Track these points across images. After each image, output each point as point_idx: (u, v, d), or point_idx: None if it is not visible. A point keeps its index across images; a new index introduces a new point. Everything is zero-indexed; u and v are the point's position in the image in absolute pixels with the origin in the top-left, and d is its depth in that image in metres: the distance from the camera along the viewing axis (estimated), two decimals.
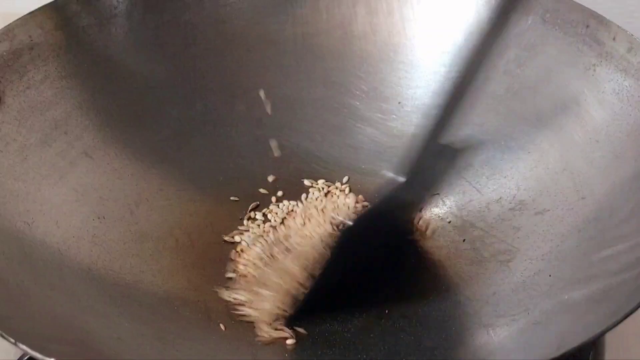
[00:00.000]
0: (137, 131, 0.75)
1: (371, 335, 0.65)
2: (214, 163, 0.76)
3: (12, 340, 0.52)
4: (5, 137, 0.68)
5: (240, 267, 0.69)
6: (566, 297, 0.61)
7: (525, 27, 0.74)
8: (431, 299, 0.67)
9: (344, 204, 0.74)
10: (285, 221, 0.74)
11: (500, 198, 0.72)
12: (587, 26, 0.72)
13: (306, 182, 0.76)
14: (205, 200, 0.74)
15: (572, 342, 0.54)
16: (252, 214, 0.74)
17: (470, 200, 0.73)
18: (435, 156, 0.67)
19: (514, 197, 0.71)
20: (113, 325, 0.62)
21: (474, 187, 0.73)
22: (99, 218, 0.69)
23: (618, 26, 0.70)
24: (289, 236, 0.71)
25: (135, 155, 0.74)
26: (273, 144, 0.77)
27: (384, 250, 0.70)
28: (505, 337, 0.61)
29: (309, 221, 0.72)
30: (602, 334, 0.53)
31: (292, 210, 0.75)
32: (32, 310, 0.59)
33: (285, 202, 0.75)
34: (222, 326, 0.65)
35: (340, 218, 0.70)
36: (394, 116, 0.78)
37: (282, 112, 0.79)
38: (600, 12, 0.71)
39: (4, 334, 0.52)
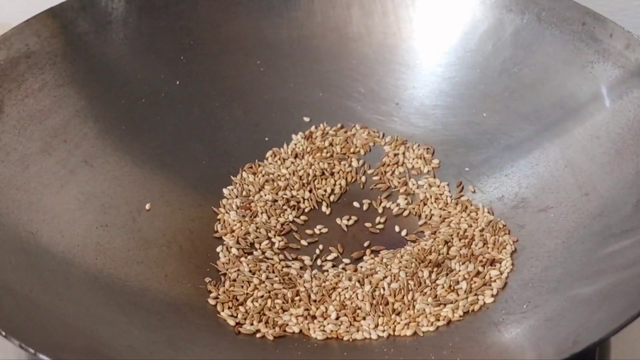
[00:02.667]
0: (136, 138, 0.74)
1: (380, 337, 0.65)
2: (213, 168, 0.76)
3: (32, 351, 0.51)
4: (6, 147, 0.68)
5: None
6: (576, 293, 0.61)
7: (521, 26, 0.75)
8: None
9: None
10: None
11: (503, 196, 0.72)
12: (584, 24, 0.72)
13: None
14: (206, 205, 0.74)
15: (589, 338, 0.54)
16: None
17: (472, 199, 0.73)
18: None
19: (516, 195, 0.72)
20: (123, 334, 0.61)
21: (475, 186, 0.74)
22: (102, 226, 0.69)
23: (615, 23, 0.71)
24: None
25: (135, 162, 0.73)
26: None
27: None
28: (517, 334, 0.62)
29: None
30: (620, 329, 0.54)
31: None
32: (42, 320, 0.59)
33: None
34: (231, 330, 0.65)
35: None
36: (392, 117, 0.78)
37: (280, 116, 0.79)
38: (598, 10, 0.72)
39: (23, 345, 0.52)
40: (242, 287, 0.67)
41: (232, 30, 0.79)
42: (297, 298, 0.67)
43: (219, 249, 0.70)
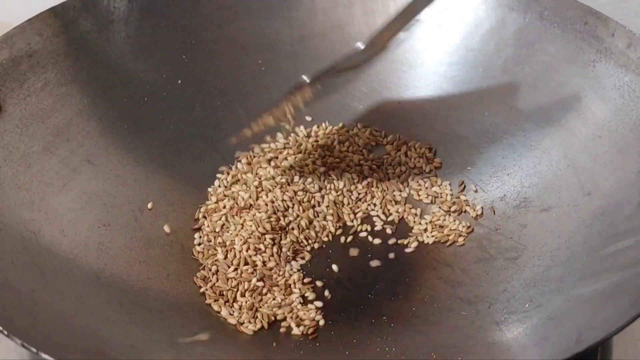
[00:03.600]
0: (138, 137, 0.74)
1: (382, 337, 0.65)
2: (215, 167, 0.76)
3: (34, 350, 0.51)
4: (8, 146, 0.67)
5: None
6: (578, 292, 0.61)
7: (523, 25, 0.75)
8: (441, 298, 0.67)
9: None
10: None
11: (505, 196, 0.72)
12: (586, 23, 0.72)
13: None
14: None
15: (591, 337, 0.54)
16: None
17: (473, 198, 0.73)
18: None
19: (518, 194, 0.72)
20: (125, 333, 0.61)
21: (477, 185, 0.74)
22: (104, 225, 0.69)
23: (617, 22, 0.71)
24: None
25: (137, 161, 0.73)
26: None
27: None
28: (519, 333, 0.62)
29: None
30: (622, 328, 0.54)
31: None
32: (44, 319, 0.59)
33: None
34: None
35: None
36: (394, 117, 0.78)
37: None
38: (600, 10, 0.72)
39: (25, 344, 0.52)
40: (228, 281, 0.67)
41: (234, 30, 0.79)
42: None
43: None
